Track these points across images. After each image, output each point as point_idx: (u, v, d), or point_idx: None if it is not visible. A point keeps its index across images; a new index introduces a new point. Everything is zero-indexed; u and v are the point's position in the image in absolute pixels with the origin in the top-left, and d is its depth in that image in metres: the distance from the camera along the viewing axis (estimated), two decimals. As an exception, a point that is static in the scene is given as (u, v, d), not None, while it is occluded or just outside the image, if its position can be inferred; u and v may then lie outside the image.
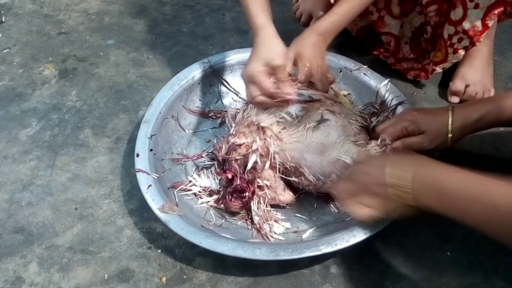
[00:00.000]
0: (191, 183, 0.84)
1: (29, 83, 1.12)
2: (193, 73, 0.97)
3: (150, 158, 0.83)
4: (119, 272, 0.78)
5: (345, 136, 0.80)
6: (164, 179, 0.82)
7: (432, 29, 0.98)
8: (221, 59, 1.00)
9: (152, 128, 0.87)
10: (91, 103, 1.07)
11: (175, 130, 0.93)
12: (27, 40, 1.24)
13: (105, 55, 1.19)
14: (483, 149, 0.93)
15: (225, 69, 1.01)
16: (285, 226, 0.80)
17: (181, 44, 1.21)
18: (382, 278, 0.76)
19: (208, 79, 0.99)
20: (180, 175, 0.87)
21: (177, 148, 0.91)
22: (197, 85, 0.98)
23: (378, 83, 0.95)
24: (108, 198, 0.88)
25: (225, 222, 0.80)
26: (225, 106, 0.99)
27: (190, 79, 0.96)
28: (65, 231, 0.83)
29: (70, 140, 0.98)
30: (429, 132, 0.79)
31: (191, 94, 0.97)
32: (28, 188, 0.90)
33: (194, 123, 0.96)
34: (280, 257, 0.69)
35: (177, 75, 0.97)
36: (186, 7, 1.33)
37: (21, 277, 0.77)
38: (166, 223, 0.74)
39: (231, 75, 1.01)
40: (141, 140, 0.85)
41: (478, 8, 0.87)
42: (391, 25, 1.02)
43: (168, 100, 0.92)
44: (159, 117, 0.89)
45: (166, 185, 0.81)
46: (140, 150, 0.84)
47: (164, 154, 0.88)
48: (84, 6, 1.35)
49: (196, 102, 0.98)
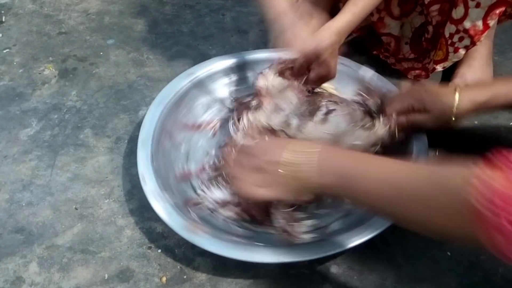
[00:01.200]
0: (203, 198, 0.81)
1: (29, 83, 1.12)
2: (178, 87, 0.94)
3: (159, 184, 0.78)
4: (119, 272, 0.78)
5: (354, 123, 0.80)
6: (177, 200, 0.79)
7: (433, 28, 0.98)
8: (203, 69, 0.98)
9: (150, 149, 0.84)
10: (91, 103, 1.07)
11: (171, 147, 0.89)
12: (27, 40, 1.24)
13: (105, 55, 1.19)
14: (483, 149, 0.93)
15: (209, 79, 0.99)
16: (308, 224, 0.78)
17: (181, 44, 1.21)
18: (382, 278, 0.76)
19: (194, 91, 0.96)
20: (189, 192, 0.84)
21: (178, 165, 0.88)
22: (184, 99, 0.95)
23: (357, 70, 0.95)
24: (108, 198, 0.88)
25: (245, 230, 0.78)
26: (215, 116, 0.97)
27: (177, 93, 0.93)
28: (65, 231, 0.83)
29: (70, 140, 0.99)
30: (434, 112, 0.80)
31: (179, 108, 0.94)
32: (28, 188, 0.90)
33: (188, 138, 0.93)
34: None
35: (164, 90, 0.94)
36: (186, 7, 1.33)
37: (21, 277, 0.77)
38: (202, 246, 0.71)
39: (214, 84, 0.99)
40: (143, 164, 0.81)
41: (479, 7, 0.87)
42: (391, 26, 1.02)
43: (159, 118, 0.88)
44: (154, 136, 0.86)
45: (180, 205, 0.78)
46: (146, 176, 0.79)
47: (167, 173, 0.84)
48: (84, 6, 1.35)
49: (186, 116, 0.95)
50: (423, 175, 0.52)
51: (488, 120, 0.99)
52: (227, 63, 0.99)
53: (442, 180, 0.49)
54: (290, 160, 0.63)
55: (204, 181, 0.84)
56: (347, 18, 0.82)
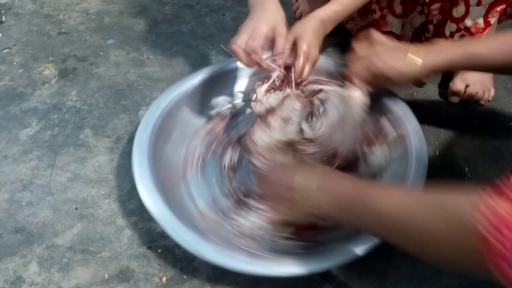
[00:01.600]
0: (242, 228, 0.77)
1: (29, 83, 1.12)
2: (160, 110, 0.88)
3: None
4: (119, 272, 0.78)
5: (347, 101, 0.81)
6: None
7: (434, 27, 0.98)
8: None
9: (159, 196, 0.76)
10: (91, 103, 1.07)
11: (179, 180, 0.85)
12: (27, 40, 1.24)
13: (105, 55, 1.19)
14: (483, 149, 0.94)
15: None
16: None
17: (181, 44, 1.21)
18: (382, 278, 0.76)
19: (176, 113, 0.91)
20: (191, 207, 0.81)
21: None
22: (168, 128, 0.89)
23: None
24: (108, 198, 0.88)
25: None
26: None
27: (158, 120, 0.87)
28: (65, 231, 0.83)
29: (70, 140, 0.99)
30: (394, 77, 0.80)
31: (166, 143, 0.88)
32: (28, 188, 0.90)
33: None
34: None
35: (144, 119, 0.87)
36: (186, 7, 1.33)
37: (21, 277, 0.77)
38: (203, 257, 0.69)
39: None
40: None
41: (480, 5, 0.87)
42: (393, 24, 1.02)
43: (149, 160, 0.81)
44: (155, 180, 0.78)
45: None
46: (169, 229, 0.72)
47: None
48: (84, 6, 1.35)
49: (176, 147, 0.89)
50: (426, 203, 0.50)
51: (488, 120, 0.99)
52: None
53: (449, 206, 0.47)
54: (301, 185, 0.64)
55: (237, 207, 0.81)
56: (334, 8, 0.83)
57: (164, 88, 1.09)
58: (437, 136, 0.96)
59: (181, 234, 0.70)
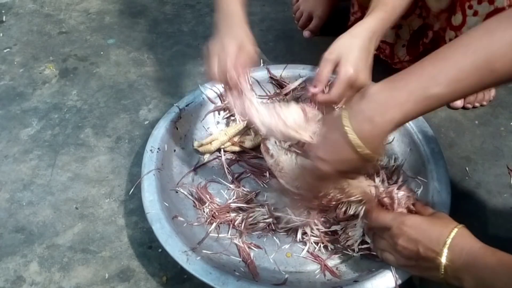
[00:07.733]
0: None
1: (30, 83, 1.12)
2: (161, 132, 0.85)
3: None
4: (120, 271, 0.78)
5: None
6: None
7: (434, 33, 0.98)
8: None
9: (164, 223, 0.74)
10: (91, 102, 1.07)
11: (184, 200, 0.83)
12: (27, 40, 1.24)
13: (106, 55, 1.19)
14: (483, 149, 0.94)
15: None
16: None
17: (182, 43, 1.21)
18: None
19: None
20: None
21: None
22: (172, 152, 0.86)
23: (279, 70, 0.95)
24: (109, 198, 0.88)
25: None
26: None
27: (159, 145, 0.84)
28: (66, 231, 0.83)
29: (70, 140, 0.99)
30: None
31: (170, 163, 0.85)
32: (28, 188, 0.90)
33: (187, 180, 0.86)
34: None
35: (148, 146, 0.83)
36: (186, 7, 1.33)
37: (21, 277, 0.77)
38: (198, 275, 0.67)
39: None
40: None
41: (477, 16, 0.87)
42: (387, 34, 1.01)
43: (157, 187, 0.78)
44: (162, 212, 0.76)
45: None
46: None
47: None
48: (85, 5, 1.35)
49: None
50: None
51: (488, 120, 0.99)
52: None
53: None
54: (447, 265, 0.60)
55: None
56: (379, 15, 0.71)
57: (165, 88, 1.09)
58: (437, 136, 0.96)
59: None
